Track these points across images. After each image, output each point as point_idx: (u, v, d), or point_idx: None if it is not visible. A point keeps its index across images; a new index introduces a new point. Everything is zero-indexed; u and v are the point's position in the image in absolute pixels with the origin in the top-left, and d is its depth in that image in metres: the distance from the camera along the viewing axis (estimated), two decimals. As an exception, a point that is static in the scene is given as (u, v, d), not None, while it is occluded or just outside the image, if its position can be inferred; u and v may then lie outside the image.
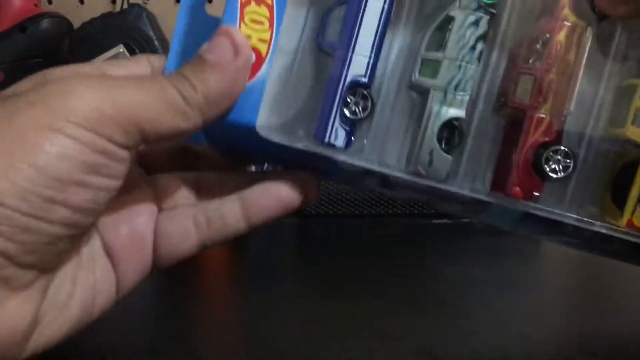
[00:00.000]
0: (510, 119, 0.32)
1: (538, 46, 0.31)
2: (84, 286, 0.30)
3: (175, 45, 0.34)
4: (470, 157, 0.32)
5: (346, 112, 0.32)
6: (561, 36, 0.30)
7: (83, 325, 0.30)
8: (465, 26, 0.31)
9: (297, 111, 0.33)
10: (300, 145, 0.32)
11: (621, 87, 0.32)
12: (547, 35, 0.31)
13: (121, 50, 0.69)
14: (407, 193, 0.33)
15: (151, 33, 0.70)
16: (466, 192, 0.32)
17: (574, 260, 0.52)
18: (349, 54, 0.31)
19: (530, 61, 0.31)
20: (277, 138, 0.31)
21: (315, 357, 0.34)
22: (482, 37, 0.31)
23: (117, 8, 0.74)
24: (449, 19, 0.31)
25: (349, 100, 0.31)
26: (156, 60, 0.34)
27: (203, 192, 0.34)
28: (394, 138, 0.33)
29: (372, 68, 0.31)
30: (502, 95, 0.32)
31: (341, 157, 0.32)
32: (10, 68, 0.70)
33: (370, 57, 0.31)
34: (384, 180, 0.33)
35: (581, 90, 0.31)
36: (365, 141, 0.32)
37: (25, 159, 0.25)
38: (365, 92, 0.32)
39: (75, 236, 0.28)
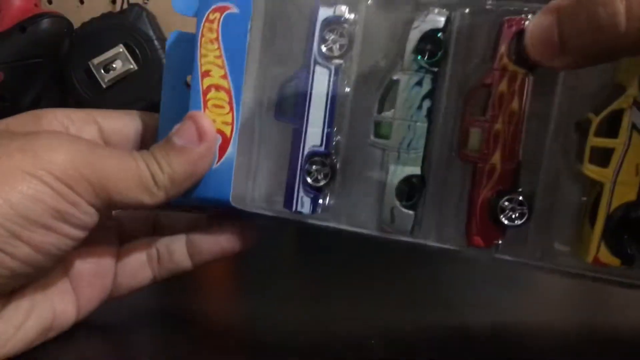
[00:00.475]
0: (465, 169, 0.33)
1: (482, 97, 0.31)
2: (43, 308, 0.33)
3: (162, 118, 0.37)
4: (434, 209, 0.33)
5: (309, 180, 0.34)
6: (503, 86, 0.31)
7: (38, 343, 0.33)
8: (410, 87, 0.32)
9: (271, 182, 0.35)
10: (270, 213, 0.34)
11: (580, 122, 0.32)
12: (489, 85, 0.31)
13: (121, 50, 0.69)
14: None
15: (151, 33, 0.69)
16: (431, 242, 0.33)
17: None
18: (304, 128, 0.33)
19: (479, 113, 0.32)
20: (251, 209, 0.34)
21: (315, 357, 0.34)
22: (428, 95, 0.32)
23: (117, 8, 0.73)
24: (395, 82, 0.32)
25: (311, 169, 0.33)
26: (148, 118, 0.37)
27: (158, 229, 0.38)
28: (363, 194, 0.34)
29: (328, 137, 0.33)
30: (455, 148, 0.32)
31: (313, 222, 0.34)
32: (10, 68, 0.70)
33: (324, 128, 0.33)
34: (356, 236, 0.34)
35: (532, 131, 0.31)
36: (333, 201, 0.34)
37: (1, 195, 0.28)
38: (324, 160, 0.33)
39: (33, 275, 0.31)
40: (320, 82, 0.33)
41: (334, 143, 0.34)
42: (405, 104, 0.32)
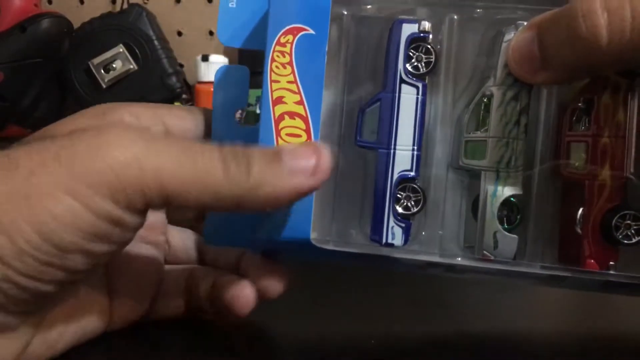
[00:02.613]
0: (566, 187, 0.31)
1: (581, 111, 0.30)
2: (76, 328, 0.30)
3: None
4: (535, 231, 0.31)
5: (399, 209, 0.31)
6: (606, 97, 0.29)
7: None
8: (506, 102, 0.30)
9: (347, 213, 0.33)
10: (357, 250, 0.31)
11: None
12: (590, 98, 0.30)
13: (121, 50, 0.68)
14: (477, 275, 0.32)
15: (151, 33, 0.70)
16: (538, 270, 0.30)
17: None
18: (392, 151, 0.31)
19: (580, 126, 0.30)
20: (333, 246, 0.31)
21: (314, 357, 0.33)
22: (525, 110, 0.30)
23: (117, 8, 0.73)
24: (488, 97, 0.30)
25: (399, 196, 0.31)
26: (209, 115, 0.34)
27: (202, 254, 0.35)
28: (449, 221, 0.32)
29: (417, 160, 0.31)
30: (555, 165, 0.30)
31: (402, 255, 0.31)
32: (10, 68, 0.70)
33: (413, 150, 0.31)
34: (450, 267, 0.32)
35: None
36: (423, 232, 0.32)
37: (31, 221, 0.24)
38: (414, 185, 0.31)
39: (67, 293, 0.28)
40: (407, 102, 0.31)
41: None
42: (502, 120, 0.30)
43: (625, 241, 0.29)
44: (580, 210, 0.30)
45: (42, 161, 0.25)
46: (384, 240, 0.31)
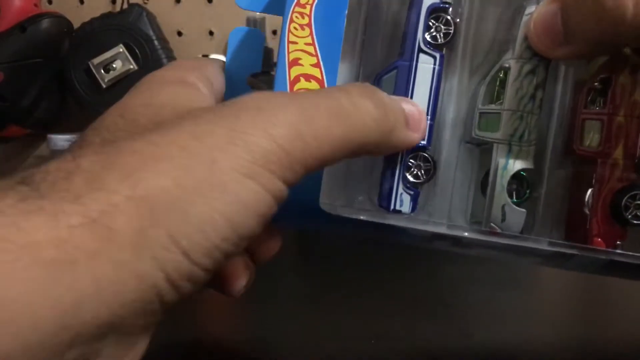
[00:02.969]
0: (578, 165, 0.31)
1: (598, 88, 0.29)
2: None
3: None
4: (545, 208, 0.31)
5: (409, 177, 0.31)
6: (624, 77, 0.29)
7: None
8: (522, 76, 0.30)
9: (356, 181, 0.33)
10: (363, 217, 0.31)
11: None
12: (605, 76, 0.30)
13: (121, 50, 0.68)
14: (482, 251, 0.32)
15: (151, 33, 0.69)
16: (545, 246, 0.30)
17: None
18: (405, 120, 0.30)
19: (594, 105, 0.30)
20: (341, 212, 0.31)
21: (314, 357, 0.33)
22: (541, 85, 0.30)
23: (117, 8, 0.73)
24: (504, 70, 0.30)
25: (410, 164, 0.31)
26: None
27: None
28: (459, 192, 0.32)
29: (430, 129, 0.31)
30: (568, 143, 0.30)
31: (409, 225, 0.31)
32: (10, 68, 0.69)
33: (427, 120, 0.31)
34: (456, 241, 0.32)
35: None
36: (431, 204, 0.32)
37: (224, 212, 0.22)
38: (425, 154, 0.31)
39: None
40: (424, 72, 0.31)
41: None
42: (518, 94, 0.30)
43: (634, 221, 0.29)
44: (589, 191, 0.30)
45: (219, 145, 0.23)
46: (392, 207, 0.31)
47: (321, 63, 0.31)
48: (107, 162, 0.22)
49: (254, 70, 0.35)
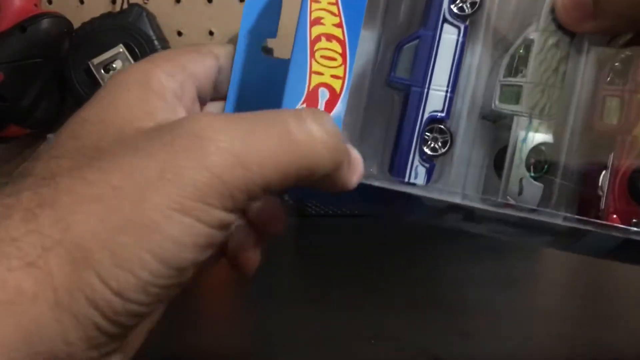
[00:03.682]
0: (594, 141, 0.31)
1: (620, 66, 0.29)
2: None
3: (233, 84, 0.33)
4: (561, 185, 0.31)
5: (426, 149, 0.30)
6: (647, 53, 0.29)
7: None
8: (546, 49, 0.30)
9: (369, 153, 0.32)
10: (378, 183, 0.30)
11: None
12: (629, 53, 0.30)
13: (121, 50, 0.68)
14: (493, 226, 0.32)
15: (151, 33, 0.69)
16: (560, 221, 0.30)
17: (575, 259, 0.50)
18: (426, 90, 0.30)
19: (616, 82, 0.30)
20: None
21: (314, 357, 0.33)
22: (565, 59, 0.30)
23: (117, 8, 0.73)
24: (528, 42, 0.30)
25: (426, 136, 0.30)
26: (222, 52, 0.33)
27: None
28: (473, 169, 0.32)
29: (449, 102, 0.30)
30: (587, 118, 0.30)
31: (425, 194, 0.30)
32: (10, 68, 0.69)
33: (447, 92, 0.30)
34: (469, 214, 0.31)
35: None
36: (445, 177, 0.31)
37: (152, 250, 0.23)
38: (442, 126, 0.30)
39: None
40: (447, 43, 0.30)
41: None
42: (541, 66, 0.30)
43: (652, 199, 0.29)
44: (603, 172, 0.30)
45: (150, 182, 0.23)
46: (406, 179, 0.30)
47: (344, 23, 0.30)
48: (42, 201, 0.23)
49: (270, 36, 0.35)
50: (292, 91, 0.30)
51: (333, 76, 0.30)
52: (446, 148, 0.31)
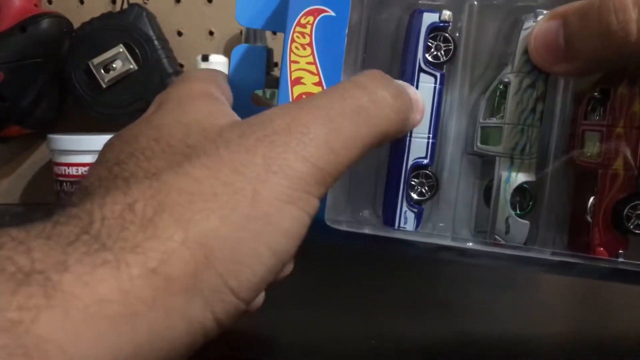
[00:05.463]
0: (580, 175, 0.31)
1: (597, 100, 0.30)
2: None
3: None
4: (547, 218, 0.31)
5: (413, 195, 0.31)
6: (623, 88, 0.29)
7: None
8: (522, 89, 0.30)
9: (360, 196, 0.33)
10: (368, 231, 0.32)
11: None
12: (605, 87, 0.30)
13: (121, 50, 0.68)
14: (487, 260, 0.33)
15: (151, 33, 0.69)
16: (548, 256, 0.31)
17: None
18: (408, 138, 0.31)
19: (594, 115, 0.30)
20: (346, 227, 0.31)
21: (314, 357, 0.33)
22: (541, 98, 0.30)
23: (117, 8, 0.73)
24: (504, 84, 0.31)
25: (413, 182, 0.31)
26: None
27: None
28: (461, 205, 0.33)
29: (432, 147, 0.31)
30: (568, 154, 0.31)
31: (414, 239, 0.31)
32: (10, 68, 0.69)
33: (429, 138, 0.31)
34: (462, 252, 0.32)
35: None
36: (435, 217, 0.32)
37: (268, 244, 0.23)
38: (427, 171, 0.31)
39: None
40: (425, 91, 0.31)
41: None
42: (518, 107, 0.30)
43: (636, 231, 0.30)
44: (591, 199, 0.31)
45: (259, 176, 0.23)
46: (396, 225, 0.31)
47: (323, 81, 0.31)
48: (157, 205, 0.23)
49: (257, 86, 0.36)
50: None
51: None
52: (433, 192, 0.32)
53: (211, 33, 0.74)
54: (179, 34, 0.74)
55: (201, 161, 0.24)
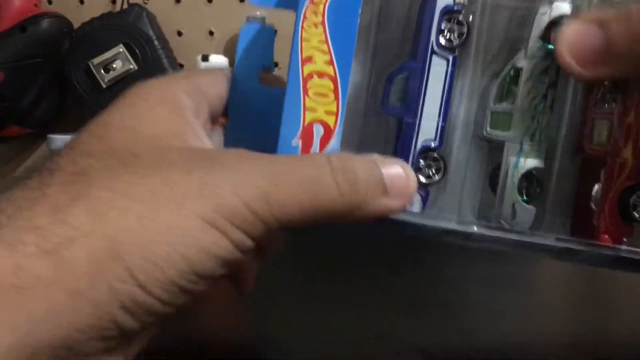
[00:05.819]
0: (585, 162, 0.31)
1: (609, 89, 0.30)
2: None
3: (231, 114, 0.34)
4: (553, 205, 0.31)
5: (421, 177, 0.31)
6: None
7: None
8: (535, 76, 0.30)
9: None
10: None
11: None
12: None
13: (121, 50, 0.68)
14: (490, 245, 0.33)
15: (151, 33, 0.70)
16: (553, 242, 0.31)
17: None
18: (417, 121, 0.31)
19: (605, 104, 0.30)
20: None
21: (314, 357, 0.34)
22: (553, 85, 0.30)
23: (117, 8, 0.73)
24: (516, 70, 0.31)
25: (420, 165, 0.31)
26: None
27: None
28: (469, 190, 0.33)
29: (441, 131, 0.31)
30: (577, 141, 0.31)
31: (420, 221, 0.31)
32: (10, 68, 0.70)
33: (438, 121, 0.31)
34: (467, 236, 0.32)
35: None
36: (441, 201, 0.32)
37: (183, 254, 0.24)
38: (435, 154, 0.31)
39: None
40: (437, 74, 0.31)
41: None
42: (530, 93, 0.30)
43: (643, 219, 0.30)
44: (596, 187, 0.31)
45: (188, 193, 0.25)
46: (403, 207, 0.31)
47: (334, 60, 0.31)
48: (75, 195, 0.24)
49: (266, 66, 0.36)
50: (287, 127, 0.31)
51: (327, 112, 0.31)
52: (440, 175, 0.32)
53: (211, 33, 0.74)
54: (179, 34, 0.74)
55: (136, 169, 0.26)
